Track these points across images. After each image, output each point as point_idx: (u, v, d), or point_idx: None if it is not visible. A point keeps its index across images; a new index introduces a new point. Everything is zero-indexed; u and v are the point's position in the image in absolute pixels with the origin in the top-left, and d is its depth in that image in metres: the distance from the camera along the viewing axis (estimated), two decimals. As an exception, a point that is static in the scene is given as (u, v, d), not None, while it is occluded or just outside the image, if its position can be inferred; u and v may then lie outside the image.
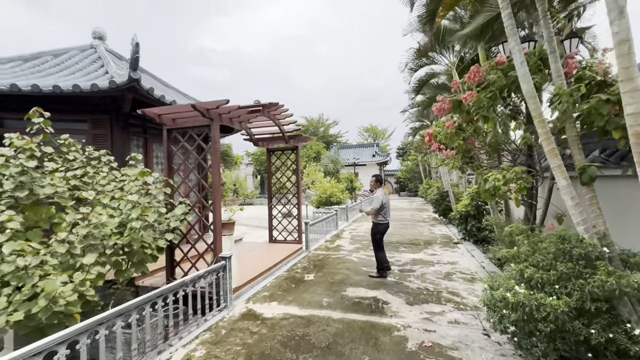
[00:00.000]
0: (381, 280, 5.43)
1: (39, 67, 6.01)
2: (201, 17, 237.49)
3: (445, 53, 7.85)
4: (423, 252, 7.51)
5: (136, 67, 4.87)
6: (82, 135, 5.81)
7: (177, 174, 4.84)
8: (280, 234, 8.33)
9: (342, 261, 6.82)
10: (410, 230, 10.70)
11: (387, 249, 7.72)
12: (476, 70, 3.45)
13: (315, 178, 17.56)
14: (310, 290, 5.01)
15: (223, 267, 4.37)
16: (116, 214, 3.38)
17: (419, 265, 6.32)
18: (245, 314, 4.22)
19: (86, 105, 5.74)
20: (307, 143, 8.50)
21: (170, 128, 4.80)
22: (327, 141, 45.75)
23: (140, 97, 5.38)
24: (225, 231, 4.84)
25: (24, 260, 2.33)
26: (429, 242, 8.60)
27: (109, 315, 2.63)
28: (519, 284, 2.58)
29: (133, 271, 3.40)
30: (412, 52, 8.49)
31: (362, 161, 33.32)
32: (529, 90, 2.76)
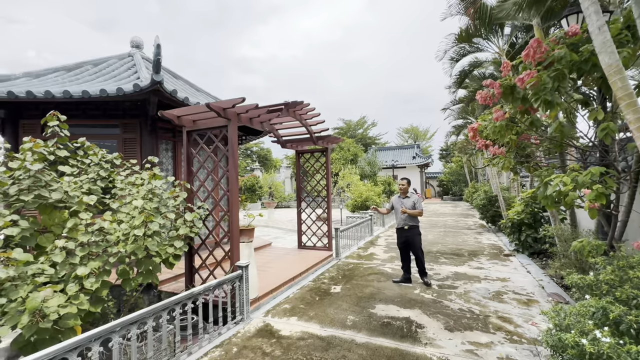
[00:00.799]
0: (416, 297, 4.78)
1: (79, 76, 6.31)
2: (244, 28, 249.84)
3: (493, 38, 6.86)
4: (467, 264, 6.64)
5: (158, 69, 4.81)
6: (114, 139, 5.97)
7: (196, 177, 4.67)
8: (310, 239, 7.96)
9: (373, 272, 6.24)
10: (452, 239, 9.71)
11: (426, 259, 6.99)
12: (536, 45, 2.74)
13: (351, 181, 17.02)
14: (335, 305, 4.54)
15: (239, 276, 4.08)
16: (126, 220, 3.23)
17: (462, 281, 5.53)
18: (261, 329, 3.88)
19: (117, 110, 5.88)
20: (337, 144, 8.05)
21: (190, 130, 4.66)
22: (365, 143, 44.82)
23: (165, 99, 5.35)
24: (243, 238, 4.57)
25: (5, 272, 2.19)
26: (475, 253, 7.65)
27: (101, 331, 2.41)
28: (600, 326, 1.88)
29: (140, 280, 3.21)
30: (453, 39, 7.57)
31: (402, 163, 31.99)
32: (611, 64, 2.05)
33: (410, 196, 5.55)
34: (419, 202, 5.43)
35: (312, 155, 8.00)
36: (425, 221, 14.25)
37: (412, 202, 5.46)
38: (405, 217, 5.43)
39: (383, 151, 36.67)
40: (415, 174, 31.94)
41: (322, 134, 7.16)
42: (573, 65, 2.66)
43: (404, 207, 5.43)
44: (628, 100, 2.00)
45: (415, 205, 5.43)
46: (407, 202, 5.48)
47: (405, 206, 5.43)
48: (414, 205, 5.43)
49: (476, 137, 4.30)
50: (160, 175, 3.69)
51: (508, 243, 8.44)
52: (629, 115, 1.99)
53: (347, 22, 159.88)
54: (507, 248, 8.10)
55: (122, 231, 3.08)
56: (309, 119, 6.40)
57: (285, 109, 5.32)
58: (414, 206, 5.43)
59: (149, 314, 2.86)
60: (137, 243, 2.99)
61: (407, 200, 5.49)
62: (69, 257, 2.66)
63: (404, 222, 5.47)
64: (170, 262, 3.90)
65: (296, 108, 5.65)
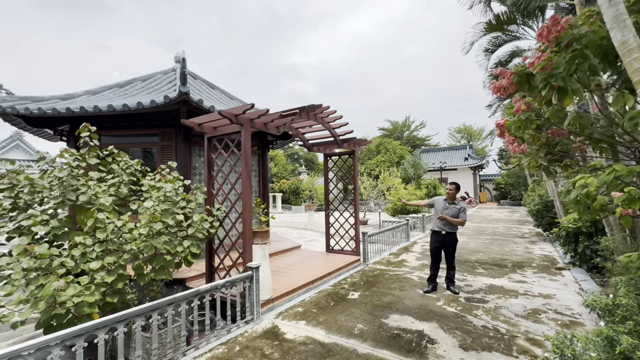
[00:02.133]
0: (437, 309, 4.42)
1: (128, 91, 7.11)
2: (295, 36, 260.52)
3: (531, 23, 6.05)
4: (507, 277, 5.96)
5: (184, 81, 5.21)
6: (154, 146, 6.60)
7: (216, 180, 4.92)
8: (338, 243, 7.88)
9: (398, 279, 5.93)
10: (499, 248, 8.81)
11: (459, 270, 6.47)
12: (552, 22, 2.36)
13: (391, 184, 16.48)
14: (347, 312, 4.42)
15: (249, 277, 4.19)
16: (144, 220, 3.53)
17: (495, 295, 4.98)
18: (268, 330, 3.93)
19: (157, 120, 6.49)
20: (364, 146, 7.86)
21: (210, 136, 4.94)
22: (413, 145, 43.16)
23: (193, 108, 5.76)
24: (257, 240, 4.69)
25: (29, 263, 2.54)
26: (520, 265, 6.84)
27: (105, 321, 2.66)
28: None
29: (153, 276, 3.47)
30: (481, 28, 6.81)
31: (452, 165, 30.10)
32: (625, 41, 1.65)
33: (457, 203, 5.04)
34: (463, 213, 4.96)
35: (339, 158, 7.93)
36: (472, 227, 13.18)
37: (457, 210, 4.98)
38: (445, 222, 5.04)
39: (431, 153, 34.90)
40: (468, 177, 29.77)
41: (346, 136, 7.06)
42: (599, 47, 2.24)
43: (445, 213, 5.01)
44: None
45: (459, 215, 4.95)
46: (451, 210, 5.00)
47: (449, 214, 4.99)
48: (457, 214, 4.96)
49: (504, 135, 3.87)
50: (173, 179, 3.97)
51: (564, 254, 7.39)
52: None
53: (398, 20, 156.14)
54: (562, 260, 7.10)
55: (138, 230, 3.38)
56: (332, 121, 6.37)
57: (305, 113, 5.37)
58: (458, 215, 4.96)
59: (153, 307, 3.08)
60: (147, 241, 3.25)
61: (452, 208, 5.01)
62: (87, 252, 3.00)
63: (442, 226, 5.07)
64: (188, 261, 4.17)
65: (315, 111, 5.67)
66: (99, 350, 2.63)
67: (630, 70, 1.65)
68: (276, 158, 38.46)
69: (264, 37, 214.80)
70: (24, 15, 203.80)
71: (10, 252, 2.72)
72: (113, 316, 2.74)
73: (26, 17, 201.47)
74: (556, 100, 2.23)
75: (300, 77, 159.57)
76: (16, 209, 3.25)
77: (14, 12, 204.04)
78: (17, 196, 3.30)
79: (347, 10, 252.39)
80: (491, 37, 7.17)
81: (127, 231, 3.27)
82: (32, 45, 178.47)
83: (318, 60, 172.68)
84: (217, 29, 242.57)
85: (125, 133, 6.72)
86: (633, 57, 1.62)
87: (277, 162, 38.33)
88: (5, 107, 5.53)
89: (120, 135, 6.77)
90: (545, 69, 2.24)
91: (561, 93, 2.18)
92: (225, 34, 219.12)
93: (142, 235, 3.23)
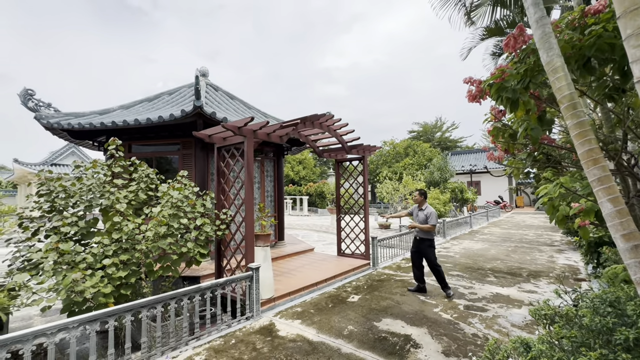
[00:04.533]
0: (432, 315, 4.46)
1: (156, 104, 7.85)
2: (327, 40, 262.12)
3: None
4: (517, 286, 5.77)
5: (198, 96, 5.72)
6: (176, 155, 7.23)
7: (225, 187, 5.35)
8: (348, 247, 8.04)
9: (403, 285, 5.98)
10: (520, 256, 8.44)
11: (470, 277, 6.37)
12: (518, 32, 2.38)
13: (413, 189, 16.22)
14: (342, 314, 4.60)
15: (249, 277, 4.52)
16: (151, 224, 4.00)
17: (497, 304, 4.89)
18: (264, 327, 4.23)
19: (179, 131, 7.11)
20: (375, 152, 7.96)
21: (220, 146, 5.38)
22: (445, 147, 41.80)
23: (208, 120, 6.27)
24: (260, 242, 5.02)
25: (54, 257, 3.06)
26: (537, 274, 6.55)
27: (114, 310, 3.11)
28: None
29: (160, 273, 3.92)
30: (480, 33, 6.60)
31: (483, 168, 28.74)
32: (549, 62, 1.70)
33: (424, 209, 5.42)
34: (431, 217, 5.28)
35: (350, 164, 8.10)
36: (499, 234, 12.63)
37: (425, 215, 5.35)
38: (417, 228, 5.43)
39: (461, 155, 33.59)
40: (502, 180, 28.29)
41: (353, 143, 7.22)
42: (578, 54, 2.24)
43: (416, 220, 5.47)
44: (566, 102, 1.62)
45: (428, 220, 5.30)
46: (420, 215, 5.41)
47: (418, 219, 5.41)
48: (426, 219, 5.32)
49: (494, 142, 3.88)
50: (180, 187, 4.43)
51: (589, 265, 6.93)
52: (568, 121, 1.62)
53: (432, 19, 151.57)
54: (585, 272, 6.68)
55: (147, 232, 3.85)
56: (338, 129, 6.59)
57: (309, 122, 5.65)
58: (426, 220, 5.31)
59: (157, 300, 3.51)
60: (154, 242, 3.70)
61: (421, 214, 5.41)
62: (105, 250, 3.50)
63: (417, 232, 5.48)
64: (197, 260, 4.62)
65: (320, 120, 5.93)
66: (109, 335, 3.09)
67: (554, 88, 1.70)
68: (305, 161, 39.20)
69: (297, 43, 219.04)
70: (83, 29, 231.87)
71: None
72: (121, 306, 3.18)
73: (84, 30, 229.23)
74: (509, 111, 2.28)
75: (332, 80, 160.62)
76: (53, 212, 3.86)
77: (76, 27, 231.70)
78: (54, 200, 3.91)
79: (380, 11, 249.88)
80: (496, 41, 6.96)
81: (139, 232, 3.75)
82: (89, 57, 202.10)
83: (350, 63, 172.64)
84: (252, 38, 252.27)
85: (152, 143, 7.43)
86: (556, 77, 1.67)
87: (306, 165, 39.04)
88: (53, 123, 6.42)
89: (148, 145, 7.50)
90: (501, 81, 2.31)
91: (512, 105, 2.24)
92: (260, 43, 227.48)
93: (150, 237, 3.69)
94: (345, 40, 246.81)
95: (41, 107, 6.56)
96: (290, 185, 34.76)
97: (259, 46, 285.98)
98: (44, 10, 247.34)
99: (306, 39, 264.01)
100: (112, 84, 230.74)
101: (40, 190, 3.80)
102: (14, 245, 3.57)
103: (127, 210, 4.15)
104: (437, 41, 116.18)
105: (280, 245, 8.83)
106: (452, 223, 12.81)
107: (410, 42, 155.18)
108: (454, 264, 7.66)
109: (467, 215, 14.88)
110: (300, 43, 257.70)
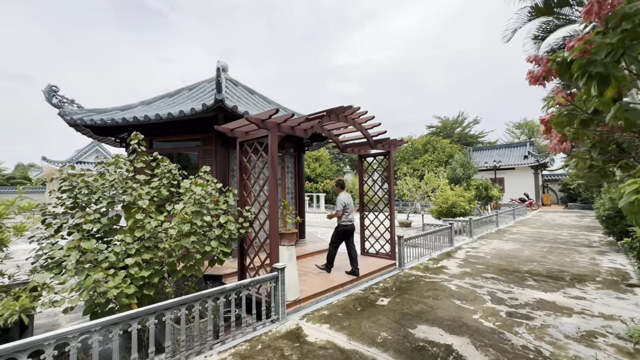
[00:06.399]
0: (473, 322, 4.09)
1: (177, 100, 7.75)
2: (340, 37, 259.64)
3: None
4: (562, 291, 5.29)
5: (220, 89, 5.52)
6: (197, 151, 7.10)
7: (248, 183, 5.13)
8: (372, 246, 7.71)
9: (434, 287, 5.61)
10: (558, 257, 7.86)
11: (507, 280, 5.92)
12: None
13: (437, 185, 15.67)
14: (373, 318, 4.30)
15: (274, 278, 4.29)
16: (174, 222, 3.82)
17: (544, 312, 4.45)
18: (291, 331, 3.99)
19: (199, 126, 6.96)
20: (400, 146, 7.56)
21: (242, 141, 5.17)
22: (465, 143, 40.54)
23: (229, 114, 6.07)
24: (284, 241, 4.78)
25: (76, 256, 2.91)
26: (581, 278, 6.01)
27: (139, 312, 2.93)
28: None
29: (184, 272, 3.74)
30: (526, 12, 5.98)
31: (509, 164, 27.63)
32: None
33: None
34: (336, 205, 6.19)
35: (374, 159, 7.75)
36: (529, 233, 11.95)
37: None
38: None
39: (484, 151, 32.39)
40: (528, 177, 27.08)
41: (379, 137, 6.87)
42: None
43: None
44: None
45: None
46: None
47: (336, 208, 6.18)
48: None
49: (551, 132, 3.45)
50: (203, 183, 4.23)
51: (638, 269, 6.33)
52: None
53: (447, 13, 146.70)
54: (636, 276, 6.09)
55: (170, 230, 3.67)
56: (363, 122, 6.26)
57: (334, 115, 5.36)
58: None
59: (181, 302, 3.32)
60: (178, 240, 3.52)
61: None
62: (127, 249, 3.34)
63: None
64: (220, 259, 4.42)
65: (345, 113, 5.62)
66: (132, 337, 2.92)
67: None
68: (321, 158, 38.89)
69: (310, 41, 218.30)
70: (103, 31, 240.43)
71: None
72: (144, 308, 3.01)
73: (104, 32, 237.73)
74: (595, 91, 1.91)
75: (346, 77, 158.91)
76: (75, 208, 3.74)
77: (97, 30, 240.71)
78: (76, 196, 3.80)
79: (393, 7, 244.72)
80: (540, 23, 6.30)
81: (162, 230, 3.58)
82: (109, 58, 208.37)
83: (364, 60, 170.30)
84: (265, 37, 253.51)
85: (173, 139, 7.33)
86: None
87: (322, 162, 38.73)
88: (76, 119, 6.40)
89: (169, 140, 7.41)
90: (585, 54, 1.93)
91: (601, 83, 1.86)
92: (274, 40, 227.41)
93: (173, 235, 3.50)
94: (359, 37, 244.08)
95: (65, 104, 6.55)
96: (306, 182, 34.61)
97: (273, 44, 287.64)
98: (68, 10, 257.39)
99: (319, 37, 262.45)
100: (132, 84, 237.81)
101: (63, 186, 3.69)
102: (36, 243, 3.48)
103: (149, 207, 3.99)
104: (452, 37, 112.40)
105: (302, 244, 8.60)
106: (477, 222, 12.23)
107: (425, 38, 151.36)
108: (487, 265, 7.19)
109: (493, 214, 14.21)
110: (313, 41, 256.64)
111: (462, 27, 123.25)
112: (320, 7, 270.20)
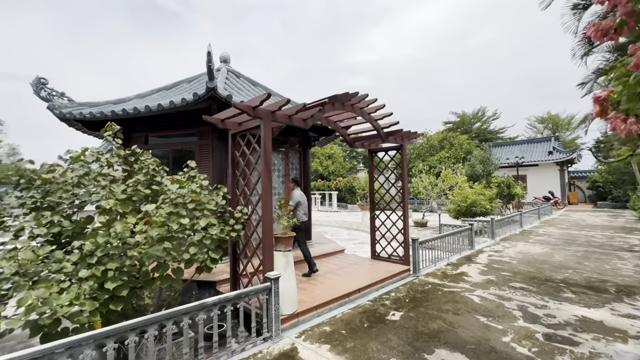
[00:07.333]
0: (503, 348, 3.38)
1: (174, 92, 7.28)
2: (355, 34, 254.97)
3: None
4: (609, 307, 4.47)
5: (212, 76, 4.98)
6: (193, 145, 6.61)
7: (239, 181, 4.57)
8: (384, 249, 7.03)
9: (454, 299, 4.90)
10: (596, 264, 6.94)
11: (539, 291, 5.14)
12: None
13: (454, 183, 14.74)
14: (382, 338, 3.66)
15: (267, 289, 3.71)
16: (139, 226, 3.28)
17: (591, 335, 3.68)
18: (284, 353, 3.40)
19: (194, 119, 6.44)
20: (414, 140, 6.83)
21: (234, 132, 4.61)
22: (484, 139, 38.87)
23: (224, 105, 5.52)
24: (280, 246, 4.20)
25: (11, 267, 2.41)
26: (630, 291, 5.15)
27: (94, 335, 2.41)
28: None
29: (159, 284, 3.21)
30: None
31: (532, 160, 26.11)
32: None
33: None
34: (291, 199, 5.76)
35: (386, 154, 7.05)
36: (558, 235, 10.94)
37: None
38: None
39: (504, 147, 30.85)
40: (553, 174, 25.51)
41: (391, 128, 6.16)
42: None
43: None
44: None
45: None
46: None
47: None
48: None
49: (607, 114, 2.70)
50: (181, 180, 3.69)
51: (701, 280, 5.39)
52: None
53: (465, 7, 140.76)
54: (697, 288, 5.17)
55: (138, 235, 3.14)
56: (373, 112, 5.58)
57: (338, 102, 4.73)
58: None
59: (150, 321, 2.79)
60: (148, 247, 2.98)
61: None
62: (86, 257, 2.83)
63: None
64: (208, 266, 3.88)
65: (351, 101, 4.97)
66: None
67: None
68: (334, 156, 38.16)
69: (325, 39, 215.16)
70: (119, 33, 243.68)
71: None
72: (99, 331, 2.48)
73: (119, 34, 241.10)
74: None
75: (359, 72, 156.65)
76: (36, 209, 3.27)
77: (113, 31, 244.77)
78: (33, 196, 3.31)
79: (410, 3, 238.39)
80: None
81: (130, 236, 3.06)
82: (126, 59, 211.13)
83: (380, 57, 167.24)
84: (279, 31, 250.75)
85: (169, 134, 6.88)
86: None
87: (335, 160, 38.00)
88: (65, 113, 6.02)
89: (164, 136, 6.97)
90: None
91: None
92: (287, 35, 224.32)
93: (139, 242, 2.97)
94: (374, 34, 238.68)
95: (54, 97, 6.19)
96: (319, 180, 34.01)
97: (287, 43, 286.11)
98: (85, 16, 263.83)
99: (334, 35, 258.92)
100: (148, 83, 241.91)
101: (21, 184, 3.22)
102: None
103: (123, 207, 3.48)
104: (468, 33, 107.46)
105: (307, 246, 8.00)
106: (500, 222, 11.29)
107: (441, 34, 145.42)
108: (513, 272, 6.38)
109: (517, 213, 13.17)
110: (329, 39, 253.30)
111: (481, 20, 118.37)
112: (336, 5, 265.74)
